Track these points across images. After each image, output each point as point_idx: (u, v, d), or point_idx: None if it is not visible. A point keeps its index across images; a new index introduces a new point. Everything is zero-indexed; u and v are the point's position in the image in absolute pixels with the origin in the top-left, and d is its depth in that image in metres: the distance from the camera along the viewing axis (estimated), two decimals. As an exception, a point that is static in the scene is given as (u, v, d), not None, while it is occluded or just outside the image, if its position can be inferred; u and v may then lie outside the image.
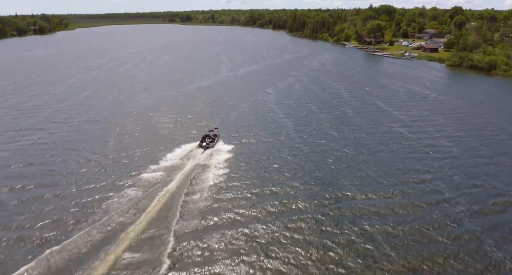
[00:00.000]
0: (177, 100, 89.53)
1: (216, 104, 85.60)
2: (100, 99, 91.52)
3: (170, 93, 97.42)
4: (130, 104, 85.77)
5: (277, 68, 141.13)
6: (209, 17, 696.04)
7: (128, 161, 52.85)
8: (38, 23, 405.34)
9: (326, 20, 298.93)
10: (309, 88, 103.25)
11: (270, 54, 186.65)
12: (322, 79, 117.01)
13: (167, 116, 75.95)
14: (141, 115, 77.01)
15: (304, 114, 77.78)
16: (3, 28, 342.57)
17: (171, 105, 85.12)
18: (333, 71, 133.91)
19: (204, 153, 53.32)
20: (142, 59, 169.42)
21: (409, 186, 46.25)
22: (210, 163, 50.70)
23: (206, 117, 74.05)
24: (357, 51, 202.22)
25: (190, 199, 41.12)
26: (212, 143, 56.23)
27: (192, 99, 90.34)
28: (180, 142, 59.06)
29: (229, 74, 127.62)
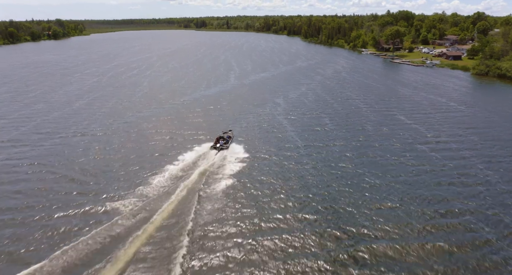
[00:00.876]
0: (176, 111, 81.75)
1: (218, 116, 77.61)
2: (95, 109, 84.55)
3: (170, 103, 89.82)
4: (125, 115, 78.42)
5: (288, 76, 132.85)
6: (223, 23, 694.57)
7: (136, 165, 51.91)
8: (52, 28, 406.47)
9: (342, 26, 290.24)
10: (322, 99, 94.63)
11: (282, 61, 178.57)
12: (337, 89, 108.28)
13: (162, 129, 68.29)
14: (133, 127, 69.48)
15: (317, 128, 69.16)
16: (17, 33, 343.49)
17: (169, 116, 77.44)
18: (349, 79, 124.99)
19: (217, 154, 53.33)
20: (149, 65, 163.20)
21: (438, 222, 37.70)
22: (223, 164, 50.82)
23: (206, 130, 66.09)
24: (375, 58, 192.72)
25: (204, 199, 41.31)
26: (226, 144, 56.10)
27: (192, 111, 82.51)
28: (178, 153, 51.46)
29: (237, 82, 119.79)
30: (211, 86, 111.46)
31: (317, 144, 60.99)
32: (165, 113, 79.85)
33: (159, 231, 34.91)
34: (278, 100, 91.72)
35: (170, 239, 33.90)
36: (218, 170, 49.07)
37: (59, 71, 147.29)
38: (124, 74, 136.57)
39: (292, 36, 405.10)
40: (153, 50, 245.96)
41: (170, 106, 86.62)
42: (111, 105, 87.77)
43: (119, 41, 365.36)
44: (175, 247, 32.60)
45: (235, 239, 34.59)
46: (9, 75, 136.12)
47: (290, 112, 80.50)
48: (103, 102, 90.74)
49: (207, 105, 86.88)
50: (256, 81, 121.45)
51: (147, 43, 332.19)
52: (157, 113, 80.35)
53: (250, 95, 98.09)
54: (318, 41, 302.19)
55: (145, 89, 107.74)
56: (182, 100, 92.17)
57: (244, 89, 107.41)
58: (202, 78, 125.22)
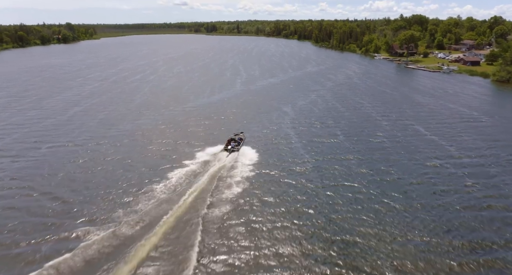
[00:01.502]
0: (174, 120, 76.16)
1: (219, 127, 71.77)
2: (90, 116, 79.57)
3: (169, 111, 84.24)
4: (120, 123, 73.14)
5: (298, 82, 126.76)
6: (234, 27, 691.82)
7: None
8: (62, 32, 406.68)
9: (353, 30, 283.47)
10: (333, 107, 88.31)
11: (292, 66, 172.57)
12: (349, 96, 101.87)
13: (158, 139, 62.68)
14: (127, 136, 64.02)
15: (327, 140, 62.93)
16: (26, 36, 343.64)
17: (165, 126, 71.86)
18: (362, 86, 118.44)
19: (229, 156, 52.95)
20: (154, 70, 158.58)
21: (471, 258, 31.49)
22: (235, 166, 50.49)
23: (203, 141, 60.23)
24: (388, 63, 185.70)
25: (215, 201, 40.87)
26: (237, 146, 55.78)
27: (190, 120, 76.87)
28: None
29: (243, 88, 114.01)
30: (215, 92, 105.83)
31: (327, 158, 54.75)
32: (162, 122, 74.36)
33: (170, 233, 34.57)
34: (286, 109, 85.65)
35: (181, 241, 33.54)
36: (229, 171, 48.73)
37: (62, 75, 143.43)
38: (127, 79, 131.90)
39: (302, 40, 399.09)
40: (161, 55, 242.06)
41: (168, 114, 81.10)
42: (108, 113, 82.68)
43: (128, 45, 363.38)
44: (185, 250, 32.24)
45: (245, 243, 34.05)
46: (11, 80, 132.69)
47: (298, 122, 74.36)
48: (99, 109, 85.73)
49: (208, 114, 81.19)
50: (264, 87, 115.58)
51: (155, 47, 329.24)
52: (154, 121, 74.89)
53: (256, 103, 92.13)
54: (329, 46, 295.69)
55: (145, 95, 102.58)
56: (182, 108, 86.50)
57: (250, 96, 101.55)
58: (207, 84, 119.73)
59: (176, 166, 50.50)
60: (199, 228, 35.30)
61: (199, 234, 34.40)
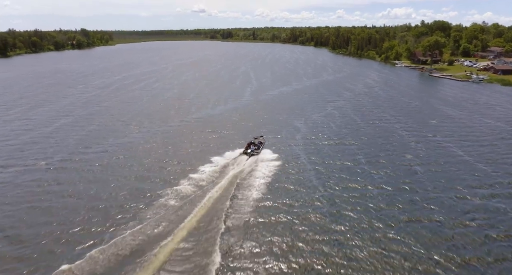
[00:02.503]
0: (166, 136, 66.37)
1: (217, 143, 61.56)
2: (75, 130, 70.59)
3: (163, 125, 74.59)
4: (103, 141, 63.69)
5: (313, 91, 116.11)
6: (250, 34, 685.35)
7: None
8: (77, 38, 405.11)
9: (372, 37, 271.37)
10: (352, 122, 77.38)
11: (307, 74, 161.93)
12: (370, 108, 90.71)
13: (140, 161, 52.94)
14: (107, 158, 54.45)
15: (345, 164, 52.18)
16: (40, 42, 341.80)
17: (152, 144, 62.14)
18: (384, 97, 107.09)
19: (248, 160, 51.47)
20: (161, 77, 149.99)
21: None
22: (255, 170, 49.01)
23: (191, 163, 50.25)
24: (410, 71, 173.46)
25: (236, 204, 39.70)
26: (257, 150, 54.24)
27: (184, 135, 67.07)
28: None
29: (253, 98, 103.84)
30: (221, 103, 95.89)
31: (346, 191, 43.94)
32: (150, 138, 64.69)
33: (191, 236, 33.93)
34: (298, 123, 75.09)
35: (202, 245, 32.70)
36: (249, 175, 47.25)
37: (64, 82, 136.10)
38: (130, 87, 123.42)
39: (319, 47, 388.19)
40: (172, 61, 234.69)
41: (161, 129, 71.40)
42: (96, 126, 73.61)
43: (142, 51, 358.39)
44: (207, 254, 31.40)
45: (266, 248, 32.92)
46: (10, 86, 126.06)
47: (311, 141, 63.66)
48: (88, 122, 76.80)
49: (206, 129, 71.24)
50: (274, 97, 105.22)
51: (168, 53, 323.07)
52: (144, 137, 65.26)
53: (264, 117, 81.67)
54: (347, 53, 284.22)
55: (143, 105, 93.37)
56: (178, 122, 76.72)
57: (258, 107, 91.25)
58: (213, 94, 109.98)
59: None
60: (220, 232, 34.32)
61: (220, 237, 33.47)
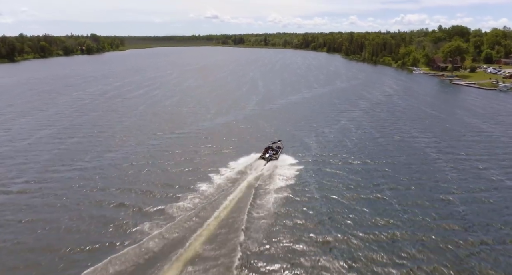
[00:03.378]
0: (147, 156, 56.92)
1: (209, 166, 51.74)
2: (52, 144, 61.67)
3: (152, 140, 65.11)
4: (74, 158, 54.47)
5: (325, 100, 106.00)
6: (261, 39, 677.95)
7: None
8: (86, 43, 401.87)
9: (387, 42, 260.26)
10: (371, 138, 67.00)
11: (318, 81, 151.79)
12: (389, 120, 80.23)
13: (116, 186, 43.57)
14: (72, 181, 45.18)
15: (366, 197, 41.98)
16: (48, 47, 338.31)
17: (136, 163, 52.79)
18: (404, 107, 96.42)
19: (266, 165, 49.37)
20: (163, 83, 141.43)
21: None
22: (274, 175, 46.54)
23: (176, 188, 40.82)
24: (430, 78, 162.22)
25: (255, 210, 37.68)
26: (275, 155, 52.16)
27: (165, 155, 57.55)
28: None
29: (258, 108, 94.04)
30: (221, 114, 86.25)
31: (369, 229, 33.76)
32: (128, 159, 55.30)
33: (210, 242, 31.92)
34: (307, 140, 64.94)
35: (221, 252, 30.61)
36: (267, 180, 45.12)
37: (61, 88, 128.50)
38: (128, 94, 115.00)
39: (332, 53, 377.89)
40: (178, 66, 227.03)
41: (148, 145, 61.80)
42: (77, 139, 64.65)
43: (151, 56, 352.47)
44: (226, 258, 29.73)
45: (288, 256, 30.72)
46: (2, 93, 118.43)
47: (323, 163, 53.40)
48: (70, 134, 67.99)
49: (196, 146, 61.65)
50: (282, 107, 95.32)
51: (177, 58, 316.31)
52: (121, 157, 55.92)
53: (267, 131, 71.52)
54: (361, 59, 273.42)
55: (135, 116, 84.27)
56: (168, 137, 66.87)
57: (262, 119, 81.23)
58: (214, 103, 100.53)
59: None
60: (240, 238, 32.48)
61: (240, 245, 31.50)
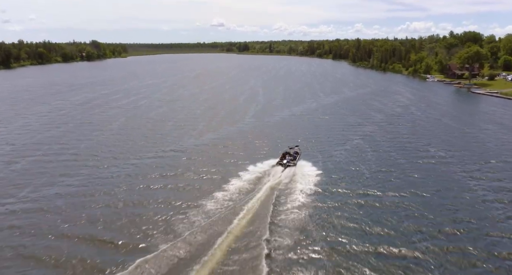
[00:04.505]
0: (104, 187, 44.54)
1: (187, 202, 39.39)
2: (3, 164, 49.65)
3: (119, 162, 52.66)
4: (15, 187, 42.21)
5: (332, 112, 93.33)
6: (266, 47, 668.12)
7: None
8: (86, 50, 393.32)
9: (397, 49, 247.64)
10: (390, 161, 54.03)
11: (324, 89, 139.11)
12: (411, 138, 67.28)
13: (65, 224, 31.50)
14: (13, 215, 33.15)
15: (390, 250, 29.37)
16: (47, 53, 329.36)
17: (87, 191, 40.44)
18: (424, 120, 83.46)
19: (284, 171, 45.82)
20: (153, 92, 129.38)
21: None
22: (293, 182, 43.59)
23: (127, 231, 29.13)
24: (445, 87, 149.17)
25: (277, 219, 34.79)
26: (293, 161, 48.68)
27: (128, 184, 45.13)
28: None
29: (254, 121, 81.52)
30: (212, 128, 73.94)
31: None
32: (89, 186, 43.00)
33: (233, 251, 29.58)
34: (313, 160, 52.23)
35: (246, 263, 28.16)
36: (288, 188, 41.84)
37: (41, 96, 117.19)
38: (111, 103, 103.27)
39: (338, 60, 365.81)
40: (176, 73, 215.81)
41: (110, 171, 49.45)
42: (32, 160, 52.50)
43: (152, 63, 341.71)
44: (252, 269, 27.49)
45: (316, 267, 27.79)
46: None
47: (334, 203, 40.40)
48: (22, 155, 55.77)
49: (175, 168, 49.27)
50: (283, 120, 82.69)
51: (177, 65, 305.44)
52: (84, 182, 43.59)
53: (263, 151, 58.70)
54: (369, 66, 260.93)
55: (112, 130, 72.06)
56: (141, 159, 54.17)
57: (257, 136, 68.47)
58: (206, 115, 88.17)
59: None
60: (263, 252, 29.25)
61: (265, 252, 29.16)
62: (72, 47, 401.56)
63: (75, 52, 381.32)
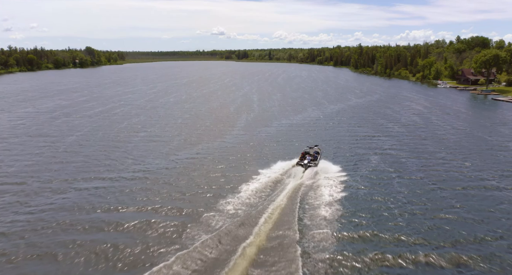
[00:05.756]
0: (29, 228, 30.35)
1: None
2: None
3: (54, 192, 38.60)
4: None
5: (340, 122, 79.01)
6: (265, 54, 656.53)
7: None
8: (79, 56, 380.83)
9: (402, 54, 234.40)
10: (420, 188, 39.55)
11: (328, 96, 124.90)
12: (439, 155, 52.72)
13: None
14: None
15: None
16: (36, 60, 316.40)
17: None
18: (450, 131, 69.04)
19: (306, 172, 43.08)
20: (135, 99, 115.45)
21: None
22: (317, 183, 40.44)
23: None
24: (460, 93, 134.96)
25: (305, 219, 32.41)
26: (314, 161, 45.43)
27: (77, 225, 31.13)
28: None
29: (243, 134, 66.80)
30: (189, 144, 59.27)
31: None
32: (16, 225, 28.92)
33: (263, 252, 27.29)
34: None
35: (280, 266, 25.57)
36: (312, 190, 38.90)
37: (7, 105, 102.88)
38: (81, 113, 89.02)
39: (339, 67, 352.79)
40: (168, 79, 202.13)
41: (30, 210, 35.25)
42: None
43: (146, 70, 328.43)
44: None
45: None
46: None
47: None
48: None
49: (123, 203, 35.15)
50: (278, 133, 68.12)
51: (169, 72, 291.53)
52: None
53: (251, 175, 44.50)
54: (372, 72, 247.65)
55: (65, 145, 57.80)
56: (77, 192, 40.10)
57: (246, 156, 54.10)
58: (186, 127, 73.47)
59: None
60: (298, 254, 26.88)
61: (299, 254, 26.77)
62: (65, 53, 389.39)
63: (67, 59, 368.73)
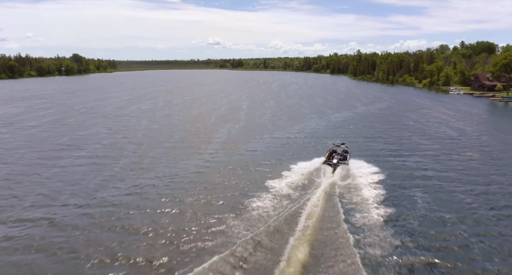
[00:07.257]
0: None
1: None
2: None
3: None
4: None
5: (350, 134, 62.25)
6: (260, 62, 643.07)
7: None
8: (65, 64, 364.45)
9: (404, 60, 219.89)
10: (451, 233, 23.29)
11: (329, 104, 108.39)
12: (496, 182, 36.32)
13: None
14: None
15: None
16: (18, 67, 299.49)
17: None
18: (491, 145, 52.66)
19: (336, 172, 38.90)
20: (104, 106, 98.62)
21: None
22: (354, 183, 35.57)
23: None
24: (477, 100, 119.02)
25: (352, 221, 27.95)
26: (344, 160, 41.79)
27: None
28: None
29: (220, 157, 49.08)
30: (145, 170, 42.02)
31: None
32: None
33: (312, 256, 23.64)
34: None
35: None
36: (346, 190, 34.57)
37: None
38: (24, 122, 72.16)
39: (336, 74, 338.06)
40: (152, 86, 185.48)
41: None
42: None
43: (135, 78, 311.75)
44: None
45: None
46: None
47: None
48: None
49: None
50: (269, 151, 51.12)
51: (156, 80, 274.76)
52: None
53: (220, 227, 28.14)
54: (373, 79, 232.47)
55: None
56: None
57: (220, 185, 37.59)
58: (153, 143, 56.00)
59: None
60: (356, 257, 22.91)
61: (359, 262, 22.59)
62: (51, 61, 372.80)
63: (52, 66, 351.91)
